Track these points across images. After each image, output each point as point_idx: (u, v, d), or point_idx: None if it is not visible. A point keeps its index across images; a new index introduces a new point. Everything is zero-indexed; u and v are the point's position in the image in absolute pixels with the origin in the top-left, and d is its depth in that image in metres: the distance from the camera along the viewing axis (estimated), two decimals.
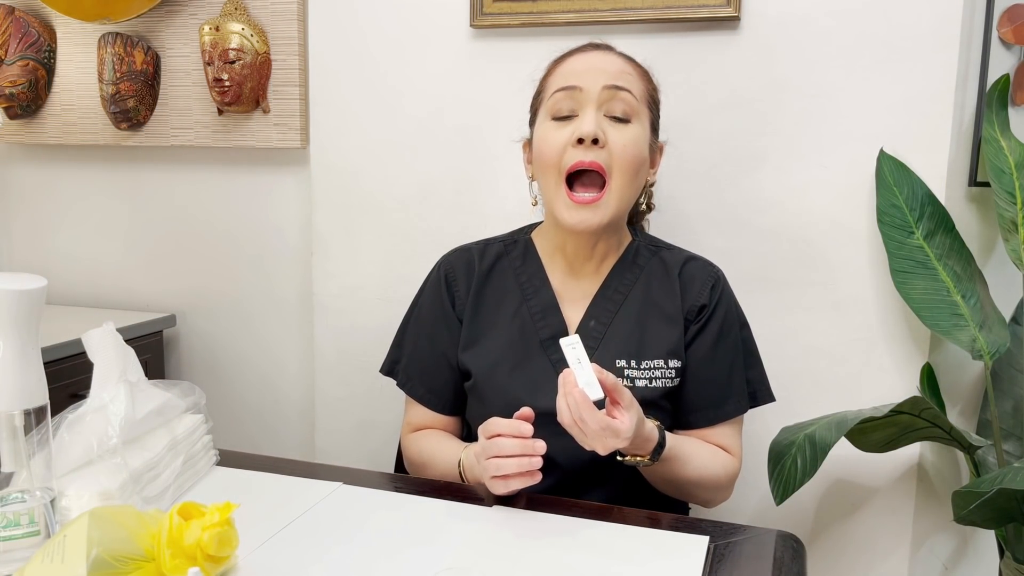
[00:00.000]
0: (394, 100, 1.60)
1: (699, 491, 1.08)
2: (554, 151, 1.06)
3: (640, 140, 1.07)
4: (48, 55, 1.86)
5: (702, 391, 1.10)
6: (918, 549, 1.43)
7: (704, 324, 1.11)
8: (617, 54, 1.11)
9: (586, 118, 1.05)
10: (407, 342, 1.21)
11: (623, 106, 1.06)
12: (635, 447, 0.95)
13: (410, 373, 1.19)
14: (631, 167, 1.06)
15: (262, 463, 1.07)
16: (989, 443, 1.32)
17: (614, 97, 1.05)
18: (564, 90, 1.07)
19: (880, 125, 1.34)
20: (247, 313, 1.83)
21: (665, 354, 1.09)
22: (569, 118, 1.07)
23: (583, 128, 1.04)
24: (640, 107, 1.08)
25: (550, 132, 1.08)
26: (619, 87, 1.06)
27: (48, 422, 0.80)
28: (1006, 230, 1.30)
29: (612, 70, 1.07)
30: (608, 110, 1.06)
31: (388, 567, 0.80)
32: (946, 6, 1.29)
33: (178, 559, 0.72)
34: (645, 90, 1.10)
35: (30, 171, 1.99)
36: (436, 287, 1.18)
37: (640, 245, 1.17)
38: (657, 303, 1.12)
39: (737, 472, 1.11)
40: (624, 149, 1.05)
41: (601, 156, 1.04)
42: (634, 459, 0.97)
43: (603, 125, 1.05)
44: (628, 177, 1.06)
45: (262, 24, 1.69)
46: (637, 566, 0.82)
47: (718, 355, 1.11)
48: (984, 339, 1.29)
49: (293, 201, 1.76)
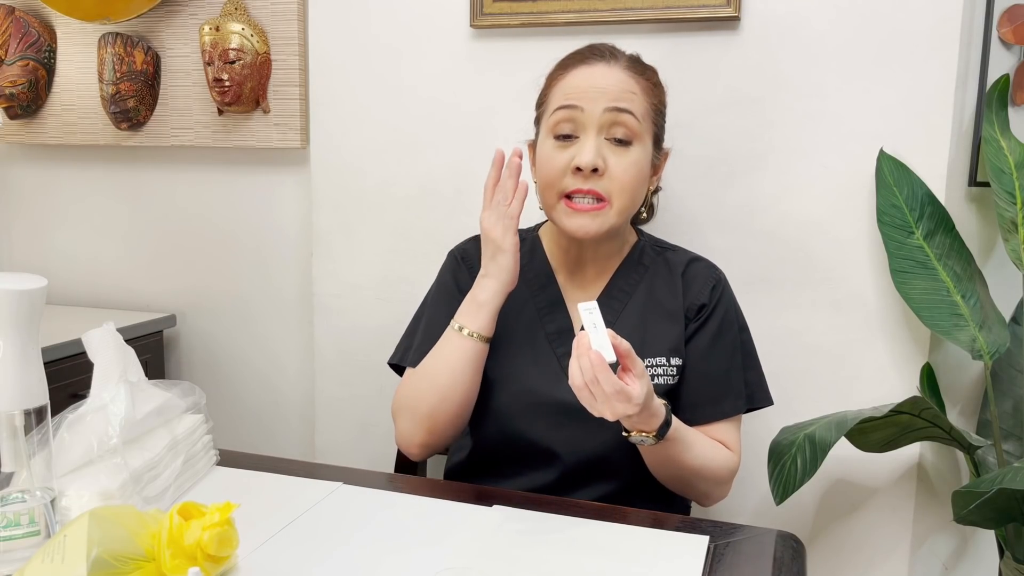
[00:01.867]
0: (394, 100, 1.60)
1: (699, 482, 1.07)
2: (554, 175, 1.06)
3: (641, 162, 1.06)
4: (48, 55, 1.86)
5: (699, 388, 1.10)
6: (918, 549, 1.43)
7: (703, 322, 1.12)
8: (621, 66, 1.08)
9: (586, 146, 1.04)
10: (421, 326, 1.18)
11: (624, 129, 1.05)
12: (642, 422, 0.94)
13: (423, 350, 1.13)
14: (630, 190, 1.06)
15: (262, 463, 1.07)
16: (989, 443, 1.32)
17: (615, 121, 1.04)
18: (565, 109, 1.06)
19: (880, 125, 1.34)
20: (247, 313, 1.83)
21: (667, 351, 1.10)
22: (569, 137, 1.06)
23: (582, 159, 1.03)
24: (642, 126, 1.06)
25: (551, 153, 1.07)
26: (620, 109, 1.04)
27: (48, 422, 0.80)
28: (1006, 230, 1.30)
29: (615, 89, 1.05)
30: (609, 133, 1.05)
31: (388, 567, 0.80)
32: (946, 6, 1.29)
33: (178, 559, 0.72)
34: (649, 106, 1.08)
35: (30, 171, 1.99)
36: (454, 266, 1.19)
37: (646, 245, 1.18)
38: (660, 302, 1.12)
39: (736, 468, 1.10)
40: (624, 174, 1.05)
41: (600, 184, 1.04)
42: (640, 435, 0.96)
43: (603, 151, 1.04)
44: (627, 198, 1.06)
45: (262, 24, 1.69)
46: (637, 566, 0.82)
47: (716, 353, 1.11)
48: (984, 339, 1.29)
49: (293, 201, 1.76)
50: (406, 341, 1.21)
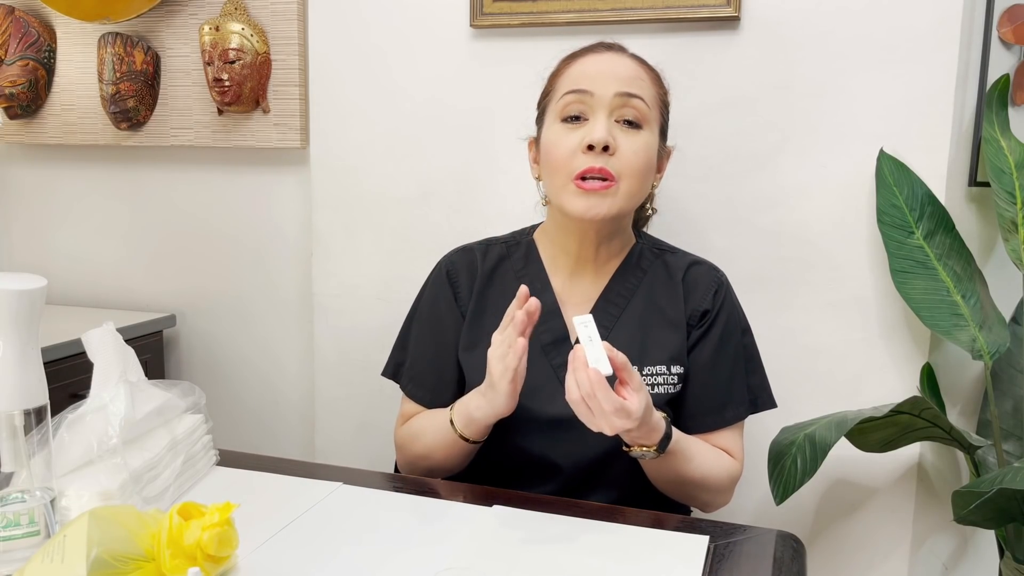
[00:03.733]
0: (394, 100, 1.60)
1: (701, 492, 1.06)
2: (563, 155, 1.05)
3: (650, 147, 1.06)
4: (48, 55, 1.86)
5: (703, 397, 1.09)
6: (918, 549, 1.43)
7: (707, 330, 1.10)
8: (629, 56, 1.09)
9: (597, 124, 1.03)
10: (410, 344, 1.20)
11: (634, 112, 1.04)
12: (642, 436, 0.94)
13: (413, 375, 1.18)
14: (640, 173, 1.05)
15: (262, 463, 1.07)
16: (989, 443, 1.32)
17: (626, 104, 1.04)
18: (575, 93, 1.05)
19: (880, 125, 1.34)
20: (247, 313, 1.83)
21: (667, 360, 1.08)
22: (579, 119, 1.05)
23: (594, 135, 1.02)
24: (651, 113, 1.06)
25: (560, 135, 1.06)
26: (631, 94, 1.04)
27: (48, 422, 0.80)
28: (1006, 230, 1.30)
29: (625, 75, 1.05)
30: (619, 116, 1.04)
31: (388, 567, 0.80)
32: (946, 6, 1.29)
33: (178, 559, 0.72)
34: (656, 95, 1.09)
35: (30, 171, 1.99)
36: (438, 285, 1.18)
37: (644, 248, 1.16)
38: (660, 308, 1.11)
39: (739, 475, 1.10)
40: (635, 156, 1.04)
41: (611, 163, 1.03)
42: (640, 450, 0.95)
43: (614, 131, 1.04)
44: (636, 182, 1.05)
45: (262, 24, 1.69)
46: (637, 566, 0.82)
47: (719, 361, 1.10)
48: (984, 339, 1.29)
49: (293, 201, 1.76)
50: (397, 355, 1.21)
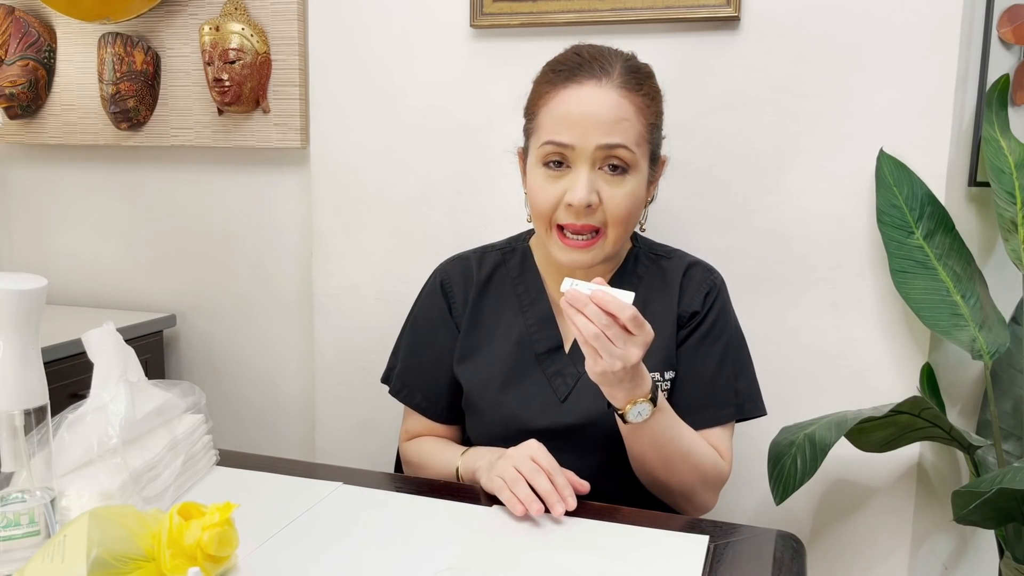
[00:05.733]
0: (394, 100, 1.60)
1: (690, 472, 1.03)
2: (546, 207, 1.03)
3: (636, 191, 1.04)
4: (48, 55, 1.86)
5: (687, 392, 1.09)
6: (918, 549, 1.43)
7: (693, 330, 1.10)
8: (614, 85, 1.02)
9: (579, 182, 1.00)
10: (403, 350, 1.20)
11: (618, 160, 1.01)
12: (635, 386, 0.93)
13: (405, 380, 1.18)
14: (625, 220, 1.03)
15: (262, 463, 1.07)
16: (989, 443, 1.32)
17: (609, 154, 1.01)
18: (555, 144, 1.01)
19: (880, 125, 1.34)
20: (247, 313, 1.83)
21: (661, 366, 1.09)
22: (561, 165, 1.02)
23: (575, 196, 1.00)
24: (637, 154, 1.02)
25: (542, 183, 1.03)
26: (613, 144, 1.00)
27: (48, 422, 0.80)
28: (1006, 230, 1.30)
29: (608, 119, 1.00)
30: (603, 163, 1.02)
31: (388, 567, 0.80)
32: (946, 6, 1.29)
33: (178, 559, 0.72)
34: (644, 128, 1.03)
35: (30, 171, 1.99)
36: (432, 295, 1.18)
37: (640, 253, 1.15)
38: (655, 314, 1.09)
39: (726, 475, 1.08)
40: (618, 206, 1.02)
41: (595, 218, 1.02)
42: (636, 404, 0.93)
43: (597, 184, 1.01)
44: (622, 228, 1.04)
45: (262, 24, 1.69)
46: (637, 566, 0.82)
47: (701, 356, 1.09)
48: (984, 339, 1.29)
49: (293, 201, 1.76)
50: (392, 360, 1.22)
